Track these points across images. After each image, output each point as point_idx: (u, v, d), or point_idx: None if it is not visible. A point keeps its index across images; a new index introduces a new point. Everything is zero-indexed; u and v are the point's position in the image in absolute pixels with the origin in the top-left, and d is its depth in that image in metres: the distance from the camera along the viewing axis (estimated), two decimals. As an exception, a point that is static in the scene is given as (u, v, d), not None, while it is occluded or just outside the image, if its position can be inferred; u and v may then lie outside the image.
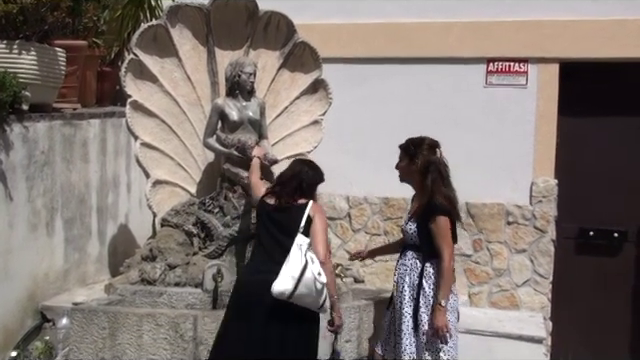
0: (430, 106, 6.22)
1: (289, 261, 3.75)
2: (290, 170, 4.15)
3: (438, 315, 3.91)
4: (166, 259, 4.79)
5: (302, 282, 3.69)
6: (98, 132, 5.60)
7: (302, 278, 3.70)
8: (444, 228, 3.99)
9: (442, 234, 3.98)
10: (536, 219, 6.06)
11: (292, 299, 3.72)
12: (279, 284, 3.71)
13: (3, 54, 4.75)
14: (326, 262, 3.85)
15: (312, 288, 3.71)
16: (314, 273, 3.71)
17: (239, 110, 4.90)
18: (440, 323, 3.89)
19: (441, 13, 6.15)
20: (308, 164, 4.24)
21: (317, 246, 3.86)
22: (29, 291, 4.84)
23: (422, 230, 4.08)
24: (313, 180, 4.11)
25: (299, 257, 3.76)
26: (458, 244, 6.11)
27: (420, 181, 4.16)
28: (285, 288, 3.71)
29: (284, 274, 3.72)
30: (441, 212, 4.00)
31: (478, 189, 6.09)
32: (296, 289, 3.69)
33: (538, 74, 6.06)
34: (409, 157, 4.19)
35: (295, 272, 3.71)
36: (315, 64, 5.41)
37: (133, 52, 4.97)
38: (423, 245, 4.09)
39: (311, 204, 3.99)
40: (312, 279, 3.70)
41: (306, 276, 3.70)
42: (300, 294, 3.71)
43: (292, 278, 3.71)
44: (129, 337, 4.36)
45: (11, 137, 4.64)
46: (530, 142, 6.07)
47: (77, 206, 5.33)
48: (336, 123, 5.65)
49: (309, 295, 3.72)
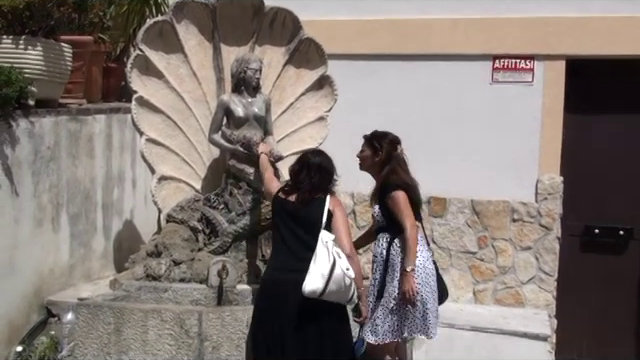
0: (436, 103, 6.21)
1: (317, 259, 3.75)
2: (304, 162, 4.10)
3: (404, 280, 4.03)
4: (171, 255, 4.80)
5: (332, 279, 3.71)
6: (104, 128, 5.61)
7: (332, 275, 3.71)
8: (400, 201, 4.14)
9: (399, 207, 4.14)
10: (541, 216, 6.05)
11: (323, 297, 3.73)
12: (310, 283, 3.71)
13: (9, 49, 4.76)
14: (352, 255, 3.90)
15: (342, 284, 3.74)
16: (343, 269, 3.73)
17: (244, 106, 4.89)
18: (406, 287, 4.02)
19: (447, 10, 6.14)
20: (320, 154, 4.21)
21: (342, 240, 3.88)
22: (35, 286, 4.86)
23: (384, 210, 4.25)
24: (331, 174, 4.10)
25: (326, 254, 3.75)
26: (462, 241, 6.20)
27: (379, 172, 4.35)
28: (317, 287, 3.71)
29: (313, 273, 3.72)
30: (395, 188, 4.18)
31: (483, 186, 6.10)
32: (327, 287, 3.70)
33: (544, 71, 6.05)
34: (372, 149, 4.36)
35: (325, 270, 3.71)
36: (321, 60, 5.40)
37: (139, 48, 4.96)
38: (389, 224, 4.24)
39: (329, 198, 3.99)
40: (342, 275, 3.72)
41: (336, 273, 3.71)
42: (330, 291, 3.72)
43: (322, 276, 3.71)
44: (134, 333, 4.37)
45: (17, 132, 4.65)
46: (536, 139, 6.06)
47: (82, 202, 5.35)
48: (341, 119, 5.64)
49: (339, 291, 3.75)
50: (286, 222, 4.00)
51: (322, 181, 4.03)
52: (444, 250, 6.24)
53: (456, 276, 6.22)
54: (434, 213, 6.25)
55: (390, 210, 4.19)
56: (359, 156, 4.42)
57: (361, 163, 4.44)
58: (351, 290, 3.80)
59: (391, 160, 4.31)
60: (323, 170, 4.07)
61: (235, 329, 4.35)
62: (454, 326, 5.51)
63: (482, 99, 6.15)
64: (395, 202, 4.15)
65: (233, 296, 4.56)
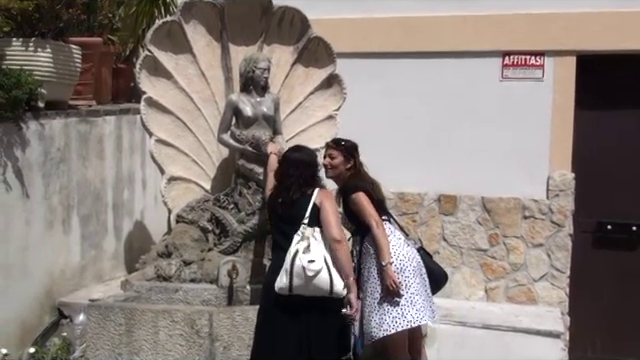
0: (445, 100, 6.19)
1: (286, 254, 3.81)
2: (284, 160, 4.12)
3: (384, 275, 4.07)
4: (181, 255, 4.81)
5: (294, 274, 3.74)
6: (113, 129, 5.62)
7: (293, 270, 3.74)
8: (361, 202, 4.20)
9: (361, 208, 4.19)
10: (553, 213, 6.01)
11: (295, 292, 3.76)
12: (278, 280, 3.79)
13: (19, 52, 4.77)
14: (341, 240, 3.87)
15: (303, 277, 3.74)
16: (303, 262, 3.74)
17: (253, 106, 4.89)
18: (387, 281, 4.05)
19: (456, 7, 6.10)
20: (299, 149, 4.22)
21: (329, 229, 3.86)
22: (46, 288, 4.87)
23: (348, 213, 4.33)
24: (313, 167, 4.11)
25: (292, 248, 3.81)
26: (473, 239, 6.17)
27: (343, 178, 4.40)
28: (283, 284, 3.78)
29: (282, 269, 3.79)
30: (354, 190, 4.24)
31: (494, 183, 6.08)
32: (292, 282, 3.74)
33: (555, 67, 6.01)
34: (344, 157, 4.40)
35: (287, 265, 3.77)
36: (329, 59, 5.39)
37: (148, 49, 4.98)
38: (358, 227, 4.31)
39: (317, 191, 3.99)
40: (301, 268, 3.73)
41: (295, 266, 3.74)
42: (298, 285, 3.76)
43: (285, 272, 3.77)
44: (145, 333, 4.38)
45: (27, 134, 4.67)
46: (547, 136, 6.02)
47: (93, 203, 5.36)
48: (350, 118, 5.62)
49: (307, 285, 3.75)
50: (277, 223, 4.06)
51: (304, 176, 4.02)
52: (455, 248, 6.22)
53: (467, 274, 6.19)
54: (445, 211, 6.22)
55: (355, 213, 4.24)
56: (330, 163, 4.42)
57: (332, 169, 4.43)
58: (324, 283, 3.77)
59: (359, 168, 4.42)
60: (302, 165, 4.06)
61: (246, 329, 4.35)
62: (466, 324, 5.49)
63: (492, 96, 6.11)
64: (357, 204, 4.21)
65: (243, 296, 4.57)
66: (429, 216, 6.27)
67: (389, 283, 4.05)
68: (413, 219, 6.27)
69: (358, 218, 4.23)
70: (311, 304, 3.81)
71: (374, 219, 4.15)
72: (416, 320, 4.10)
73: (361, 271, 4.27)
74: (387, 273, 4.07)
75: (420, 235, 6.24)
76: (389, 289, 4.05)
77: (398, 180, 6.12)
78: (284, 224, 3.98)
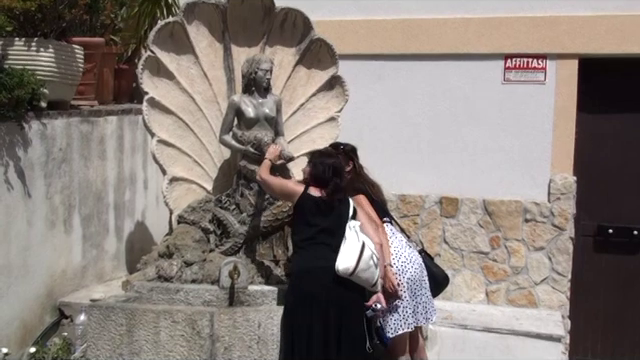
0: (447, 103, 6.19)
1: (346, 241, 4.04)
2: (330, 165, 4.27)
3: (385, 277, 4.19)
4: (183, 256, 4.80)
5: (362, 258, 3.96)
6: (115, 129, 5.62)
7: (362, 255, 3.98)
8: (361, 204, 4.33)
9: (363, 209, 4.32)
10: (554, 216, 6.01)
11: (353, 276, 3.96)
12: (342, 262, 3.99)
13: (22, 51, 4.77)
14: (380, 244, 4.19)
15: (370, 264, 3.99)
16: (372, 249, 4.01)
17: (255, 107, 4.89)
18: (387, 283, 4.19)
19: (458, 9, 6.12)
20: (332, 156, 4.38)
21: (369, 232, 4.19)
22: (47, 288, 4.87)
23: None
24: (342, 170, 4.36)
25: (355, 236, 4.05)
26: (475, 241, 6.16)
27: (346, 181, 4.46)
28: (349, 265, 3.97)
29: (345, 252, 4.01)
30: (354, 193, 4.36)
31: (495, 186, 6.09)
32: (358, 265, 3.95)
33: (557, 70, 6.02)
34: (343, 160, 4.47)
35: (355, 249, 4.00)
36: (331, 61, 5.39)
37: (150, 49, 4.97)
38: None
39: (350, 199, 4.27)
40: (370, 255, 4.00)
41: (365, 253, 3.99)
42: (360, 269, 3.97)
43: (353, 255, 3.98)
44: (146, 334, 4.37)
45: (29, 134, 4.67)
46: (548, 139, 6.03)
47: (94, 203, 5.36)
48: (352, 120, 5.64)
49: (368, 270, 3.99)
50: (316, 218, 4.18)
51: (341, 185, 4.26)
52: (456, 251, 6.22)
53: (468, 277, 6.19)
54: (446, 213, 6.22)
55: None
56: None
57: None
58: (376, 274, 4.03)
59: (356, 169, 4.52)
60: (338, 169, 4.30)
61: (247, 330, 4.35)
62: (467, 327, 5.50)
63: (494, 99, 6.12)
64: (358, 206, 4.28)
65: (245, 297, 4.56)
66: (430, 218, 6.27)
67: (388, 285, 4.13)
68: (414, 221, 6.27)
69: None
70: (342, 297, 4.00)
71: (374, 222, 4.22)
72: (415, 322, 4.12)
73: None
74: (387, 275, 4.14)
75: (421, 237, 6.24)
76: (388, 291, 4.08)
77: (399, 182, 6.13)
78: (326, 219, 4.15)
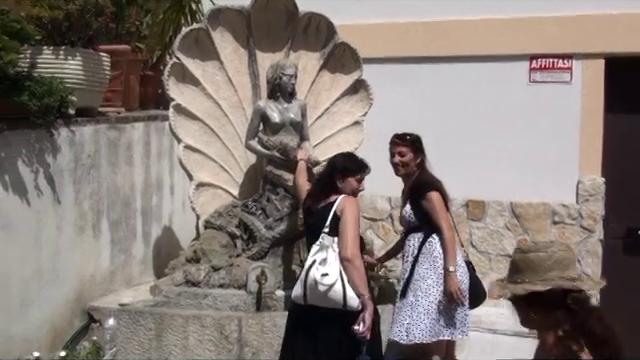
0: (472, 105, 6.15)
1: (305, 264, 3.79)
2: (325, 167, 4.11)
3: (449, 281, 4.06)
4: (210, 261, 4.82)
5: (307, 285, 3.70)
6: (142, 135, 5.67)
7: (306, 281, 3.70)
8: (437, 202, 4.18)
9: (436, 208, 4.17)
10: (583, 219, 5.94)
11: (309, 302, 3.72)
12: (294, 289, 3.79)
13: (50, 60, 4.84)
14: (351, 259, 3.68)
15: (316, 290, 3.68)
16: (316, 276, 3.66)
17: (280, 112, 4.90)
18: (453, 287, 4.05)
19: (482, 10, 6.07)
20: (342, 154, 4.21)
21: (344, 243, 3.71)
22: (77, 292, 4.93)
23: (416, 210, 4.26)
24: (343, 164, 3.97)
25: (310, 259, 3.78)
26: (502, 244, 6.11)
27: (413, 174, 4.36)
28: (298, 293, 3.76)
29: (298, 279, 3.79)
30: (431, 188, 4.21)
31: (523, 188, 6.02)
32: (305, 292, 3.71)
33: (583, 70, 5.95)
34: (414, 152, 4.35)
35: (302, 275, 3.75)
36: (355, 64, 5.39)
37: (175, 56, 5.01)
38: (422, 223, 4.26)
39: (340, 199, 3.85)
40: (314, 280, 3.68)
41: (309, 278, 3.69)
42: (312, 297, 3.71)
43: (300, 282, 3.76)
44: (175, 338, 4.40)
45: (59, 141, 4.73)
46: (576, 140, 5.96)
47: (122, 208, 5.41)
48: (377, 123, 5.61)
49: (320, 297, 3.69)
50: (306, 229, 4.06)
51: (338, 177, 3.93)
52: (483, 254, 6.17)
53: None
54: (472, 216, 6.18)
55: (424, 210, 4.20)
56: (401, 161, 4.36)
57: (403, 167, 4.37)
58: (337, 296, 3.66)
59: (423, 162, 4.36)
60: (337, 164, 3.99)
61: (275, 335, 4.35)
62: (496, 331, 5.43)
63: (520, 100, 6.06)
64: (432, 203, 4.19)
65: (272, 302, 4.57)
66: (457, 221, 6.17)
67: (454, 290, 4.04)
68: (440, 224, 6.24)
69: (426, 216, 4.20)
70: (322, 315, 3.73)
71: (446, 222, 4.14)
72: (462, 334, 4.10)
73: (414, 269, 4.21)
74: (452, 280, 4.05)
75: (447, 240, 6.20)
76: (452, 296, 4.04)
77: (425, 185, 6.09)
78: (309, 231, 3.99)
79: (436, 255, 4.15)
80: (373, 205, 6.37)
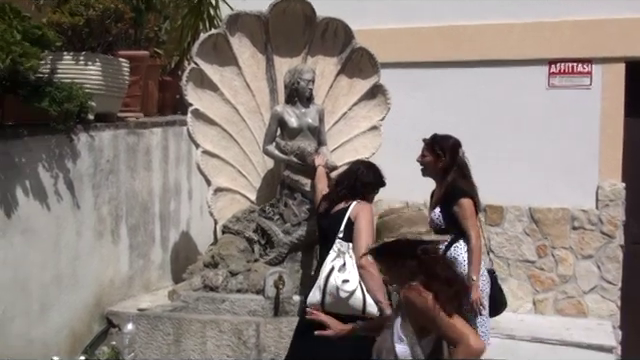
0: (491, 109, 6.12)
1: (321, 270, 3.75)
2: (345, 172, 4.08)
3: (471, 289, 3.99)
4: (228, 266, 4.83)
5: (327, 291, 3.67)
6: (160, 140, 5.69)
7: (326, 287, 3.67)
8: (469, 209, 4.16)
9: (467, 215, 4.15)
10: (603, 224, 5.89)
11: (327, 308, 3.65)
12: (310, 296, 3.74)
13: (70, 66, 4.87)
14: (366, 266, 3.63)
15: (337, 296, 3.65)
16: (337, 282, 3.65)
17: (298, 117, 4.91)
18: (474, 296, 4.02)
19: (501, 15, 6.06)
20: (364, 163, 4.17)
21: (358, 250, 3.68)
22: (96, 297, 4.94)
23: (446, 214, 4.23)
24: (368, 179, 3.99)
25: (328, 264, 3.74)
26: (521, 250, 6.07)
27: (443, 177, 4.32)
28: (315, 299, 3.72)
29: (315, 284, 3.74)
30: (463, 195, 4.18)
31: (542, 193, 5.99)
32: (324, 298, 3.67)
33: (603, 74, 5.92)
34: (434, 154, 4.32)
35: (320, 282, 3.71)
36: (373, 69, 5.38)
37: (194, 61, 5.03)
38: (449, 228, 4.21)
39: (354, 205, 3.85)
40: (335, 287, 3.65)
41: (330, 284, 3.67)
42: (329, 303, 3.67)
43: (319, 288, 3.71)
44: (193, 343, 4.42)
45: (78, 146, 4.75)
46: (595, 144, 5.92)
47: (141, 213, 5.43)
48: (395, 128, 5.61)
49: (339, 303, 3.66)
50: (319, 234, 4.04)
51: (359, 187, 3.93)
52: (502, 259, 6.12)
53: (515, 286, 6.09)
54: (491, 222, 6.14)
55: (454, 216, 4.18)
56: (421, 161, 4.38)
57: (424, 169, 4.39)
58: (357, 303, 3.66)
59: (455, 165, 4.28)
60: (348, 175, 4.00)
61: (293, 340, 4.35)
62: (515, 337, 5.39)
63: (538, 105, 6.04)
64: (463, 210, 4.16)
65: (290, 307, 4.57)
66: (475, 227, 6.19)
67: (475, 299, 4.03)
68: (458, 229, 6.21)
69: (455, 221, 4.18)
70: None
71: (475, 230, 4.13)
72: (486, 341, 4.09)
73: None
74: (474, 289, 4.04)
75: (466, 246, 6.17)
76: (472, 305, 4.02)
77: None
78: (322, 236, 3.97)
79: (460, 261, 4.13)
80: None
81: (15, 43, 4.20)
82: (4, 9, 4.40)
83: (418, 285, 2.63)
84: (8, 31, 4.22)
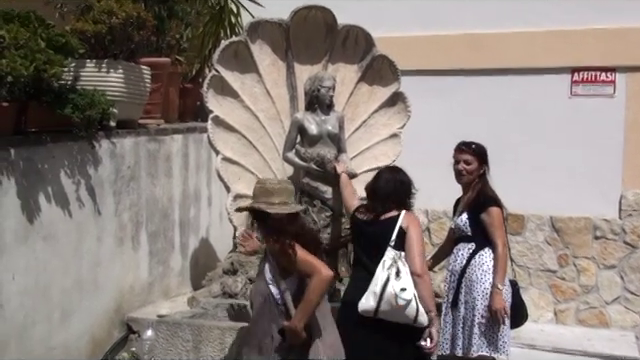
0: (512, 117, 6.09)
1: (374, 277, 3.69)
2: (382, 180, 3.99)
3: (496, 298, 4.02)
4: (247, 272, 4.84)
5: (384, 299, 3.63)
6: (181, 147, 5.72)
7: (383, 295, 3.63)
8: (497, 218, 4.14)
9: (496, 224, 4.13)
10: (626, 234, 5.83)
11: (380, 316, 3.65)
12: (363, 302, 3.67)
13: (93, 73, 4.91)
14: (423, 274, 3.72)
15: (393, 304, 3.62)
16: (395, 290, 3.62)
17: (318, 124, 4.91)
18: (498, 305, 4.00)
19: (523, 22, 6.02)
20: (401, 172, 4.10)
21: (413, 259, 3.72)
22: (116, 303, 4.97)
23: (473, 221, 4.20)
24: (408, 188, 3.98)
25: (382, 272, 3.69)
26: (542, 259, 6.02)
27: (476, 183, 4.29)
28: (369, 305, 3.66)
29: (368, 291, 3.68)
30: (494, 203, 4.17)
31: (563, 202, 5.95)
32: (379, 306, 3.64)
33: (627, 83, 5.87)
34: (479, 161, 4.29)
35: (377, 289, 3.66)
36: (394, 77, 5.36)
37: (215, 68, 5.06)
38: (475, 235, 4.20)
39: (404, 214, 3.85)
40: (393, 295, 3.62)
41: (387, 292, 3.63)
42: (384, 311, 3.64)
43: (374, 295, 3.66)
44: (212, 350, 4.41)
45: (100, 153, 4.79)
46: (619, 153, 5.86)
47: (161, 220, 5.45)
48: (415, 136, 5.58)
49: (395, 311, 3.64)
50: (360, 241, 3.95)
51: (393, 197, 3.90)
52: (522, 268, 6.07)
53: (535, 295, 6.03)
54: (512, 230, 6.07)
55: (483, 223, 4.15)
56: (465, 168, 4.28)
57: (467, 175, 4.29)
58: (412, 311, 3.65)
59: (485, 174, 4.30)
60: (394, 185, 3.94)
61: (312, 348, 4.33)
62: (535, 347, 5.34)
63: (561, 113, 6.00)
64: (492, 218, 4.14)
65: (309, 314, 4.54)
66: (495, 235, 6.15)
67: (499, 308, 4.00)
68: (479, 238, 6.17)
69: (482, 229, 4.15)
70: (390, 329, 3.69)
71: (502, 239, 4.12)
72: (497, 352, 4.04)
73: (461, 281, 4.17)
74: (499, 297, 4.02)
75: (486, 255, 6.12)
76: (497, 314, 4.00)
77: (463, 198, 6.02)
78: (367, 242, 3.88)
79: (485, 269, 4.10)
80: (410, 218, 6.32)
81: (39, 51, 4.24)
82: (29, 17, 4.46)
83: (278, 238, 3.34)
84: (32, 39, 4.27)
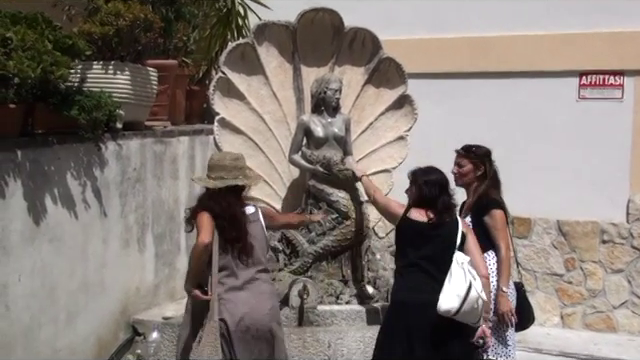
0: (519, 121, 6.07)
1: (452, 279, 3.75)
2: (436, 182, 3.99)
3: (502, 300, 4.03)
4: (252, 274, 4.81)
5: (467, 300, 3.71)
6: (187, 149, 5.72)
7: (468, 296, 3.71)
8: (500, 220, 4.14)
9: (499, 226, 4.13)
10: (633, 238, 5.81)
11: (458, 317, 3.73)
12: (445, 302, 3.72)
13: (99, 74, 4.92)
14: (488, 277, 3.90)
15: (475, 305, 3.73)
16: (477, 291, 3.73)
17: (324, 126, 4.90)
18: (505, 308, 4.02)
19: (531, 26, 6.01)
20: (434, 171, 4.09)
21: (478, 262, 3.88)
22: (122, 305, 4.98)
23: (477, 223, 4.18)
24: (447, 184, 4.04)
25: (462, 275, 3.76)
26: (548, 263, 6.00)
27: (477, 186, 4.27)
28: (452, 306, 3.71)
29: (449, 292, 3.73)
30: (496, 206, 4.16)
31: (571, 206, 5.93)
32: (461, 307, 3.71)
33: (635, 87, 5.86)
34: (473, 164, 4.28)
35: (461, 290, 3.72)
36: (400, 79, 5.35)
37: (221, 70, 5.05)
38: (478, 238, 4.12)
39: (460, 219, 3.98)
40: (476, 297, 3.72)
41: (471, 294, 3.72)
42: (464, 311, 3.72)
43: (458, 296, 3.72)
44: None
45: (106, 155, 4.80)
46: (627, 157, 5.84)
47: (166, 222, 5.46)
48: (422, 139, 5.57)
49: (472, 312, 3.74)
50: (417, 243, 3.93)
51: (450, 202, 3.99)
52: (529, 272, 6.05)
53: (542, 299, 6.01)
54: (518, 234, 6.08)
55: (485, 226, 4.14)
56: (458, 171, 4.30)
57: (460, 178, 4.31)
58: (480, 312, 3.77)
59: (490, 174, 4.27)
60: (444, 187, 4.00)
61: (317, 350, 4.34)
62: (542, 351, 5.34)
63: (568, 117, 5.98)
64: (495, 221, 4.13)
65: (314, 317, 4.55)
66: (502, 239, 6.13)
67: (506, 311, 4.02)
68: (485, 242, 6.15)
69: (485, 232, 4.14)
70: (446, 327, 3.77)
71: (505, 242, 4.12)
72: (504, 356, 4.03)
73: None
74: (505, 300, 4.03)
75: (492, 258, 6.11)
76: (503, 317, 4.02)
77: (470, 201, 6.01)
78: (428, 244, 3.89)
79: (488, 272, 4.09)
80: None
81: (46, 52, 4.26)
82: (36, 19, 4.47)
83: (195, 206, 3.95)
84: (40, 40, 4.29)
